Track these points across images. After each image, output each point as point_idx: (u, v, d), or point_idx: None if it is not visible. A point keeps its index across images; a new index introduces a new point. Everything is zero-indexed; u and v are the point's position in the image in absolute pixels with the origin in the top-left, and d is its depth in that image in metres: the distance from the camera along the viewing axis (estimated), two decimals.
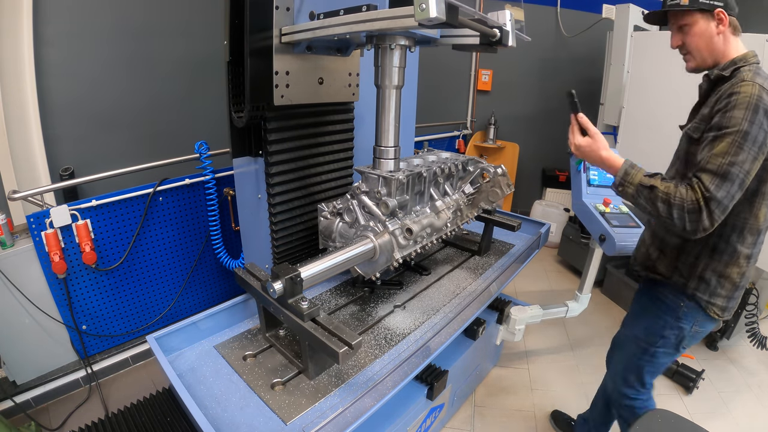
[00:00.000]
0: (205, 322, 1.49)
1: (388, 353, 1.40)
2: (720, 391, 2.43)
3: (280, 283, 1.20)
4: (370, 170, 1.54)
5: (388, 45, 1.36)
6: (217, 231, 2.57)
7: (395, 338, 1.48)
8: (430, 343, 1.45)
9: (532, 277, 3.74)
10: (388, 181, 1.48)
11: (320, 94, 1.64)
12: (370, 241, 1.47)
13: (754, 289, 2.51)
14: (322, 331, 1.20)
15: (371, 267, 1.53)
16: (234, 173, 1.81)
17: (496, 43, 1.25)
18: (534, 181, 4.80)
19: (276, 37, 1.41)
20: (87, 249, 2.15)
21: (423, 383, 1.78)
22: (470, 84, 4.62)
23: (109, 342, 2.46)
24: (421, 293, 1.76)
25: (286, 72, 1.48)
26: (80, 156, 2.59)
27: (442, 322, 1.54)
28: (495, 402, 2.37)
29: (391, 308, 1.65)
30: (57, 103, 2.46)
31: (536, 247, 2.26)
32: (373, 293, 1.75)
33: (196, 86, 2.94)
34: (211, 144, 2.46)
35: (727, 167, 1.13)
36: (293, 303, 1.22)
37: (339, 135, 1.84)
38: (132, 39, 2.65)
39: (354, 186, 1.57)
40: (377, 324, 1.56)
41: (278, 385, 1.27)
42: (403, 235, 1.47)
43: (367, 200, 1.53)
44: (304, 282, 1.25)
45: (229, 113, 1.60)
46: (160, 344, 1.35)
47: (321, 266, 1.32)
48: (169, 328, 1.40)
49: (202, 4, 2.81)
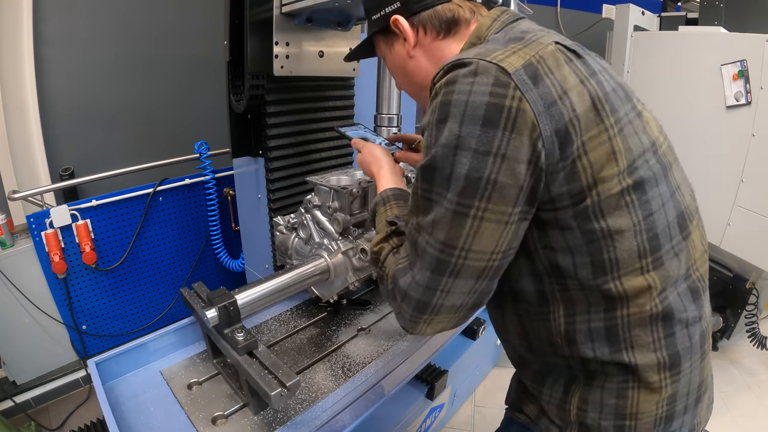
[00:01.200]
0: (155, 344, 1.38)
1: (343, 386, 1.28)
2: (720, 391, 2.43)
3: (213, 311, 1.09)
4: (320, 181, 1.41)
5: None
6: (217, 231, 2.57)
7: (354, 368, 1.35)
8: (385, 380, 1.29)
9: None
10: (340, 195, 1.35)
11: (321, 67, 1.63)
12: (324, 261, 1.34)
13: (754, 289, 2.50)
14: (257, 367, 1.08)
15: (328, 289, 1.42)
16: (234, 173, 1.81)
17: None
18: None
19: (276, 8, 1.41)
20: (87, 249, 2.15)
21: (423, 383, 1.77)
22: None
23: (109, 342, 2.46)
24: (391, 314, 1.63)
25: (286, 43, 1.47)
26: (80, 156, 2.58)
27: (408, 349, 1.40)
28: (495, 402, 2.36)
29: (355, 332, 1.53)
30: (57, 103, 2.45)
31: None
32: (337, 314, 1.62)
33: (196, 86, 2.93)
34: (211, 144, 2.45)
35: (415, 235, 0.69)
36: (229, 333, 1.12)
37: (339, 111, 1.82)
38: (132, 39, 2.65)
39: (306, 198, 1.46)
40: (336, 351, 1.43)
41: (221, 418, 1.16)
42: (357, 255, 1.33)
43: (320, 215, 1.40)
44: (243, 309, 1.15)
45: (229, 109, 1.61)
46: (102, 370, 1.25)
47: (261, 291, 1.21)
48: (114, 351, 1.29)
49: (201, 4, 2.81)
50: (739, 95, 2.24)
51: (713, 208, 2.37)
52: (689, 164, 2.76)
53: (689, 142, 2.52)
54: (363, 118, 1.91)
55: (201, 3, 2.82)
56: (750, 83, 2.20)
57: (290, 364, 1.35)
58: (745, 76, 2.20)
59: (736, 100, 2.25)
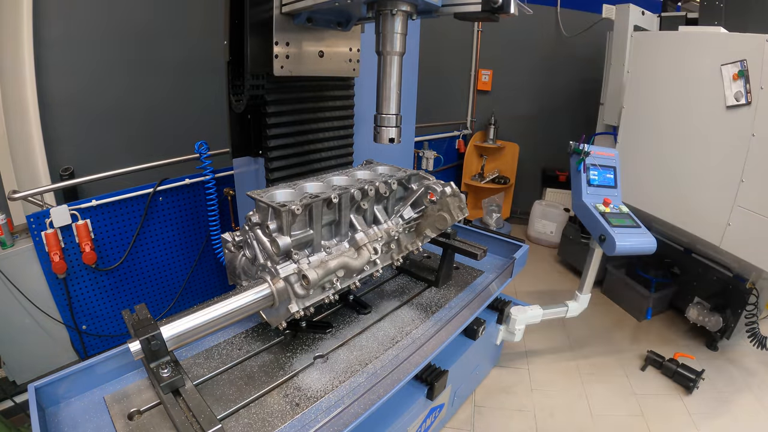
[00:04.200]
0: (102, 366, 1.30)
1: (290, 422, 1.18)
2: (720, 391, 2.43)
3: (136, 344, 1.00)
4: (260, 197, 1.27)
5: (389, 10, 1.32)
6: (217, 231, 2.57)
7: (305, 402, 1.24)
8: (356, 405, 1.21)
9: (532, 277, 3.74)
10: (278, 213, 1.22)
11: (320, 67, 1.62)
12: (267, 286, 1.21)
13: (754, 289, 2.50)
14: (179, 409, 1.00)
15: (275, 316, 1.29)
16: (234, 173, 1.81)
17: (498, 9, 1.23)
18: (534, 181, 4.79)
19: (276, 8, 1.41)
20: (87, 249, 2.15)
21: (423, 383, 1.77)
22: (470, 84, 4.62)
23: (109, 342, 2.46)
24: (353, 339, 1.52)
25: (286, 43, 1.47)
26: (80, 156, 2.58)
27: (366, 383, 1.28)
28: (495, 402, 2.36)
29: (311, 359, 1.41)
30: (57, 104, 2.45)
31: (508, 276, 2.07)
32: (295, 337, 1.50)
33: (195, 86, 2.93)
34: (211, 144, 2.45)
35: None
36: (154, 368, 1.04)
37: (339, 111, 1.81)
38: (132, 39, 2.65)
39: (247, 215, 1.32)
40: (288, 381, 1.33)
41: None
42: (300, 282, 1.22)
43: (261, 235, 1.26)
44: (170, 342, 1.04)
45: (229, 112, 1.61)
46: (42, 395, 1.17)
47: (192, 323, 1.10)
48: (58, 374, 1.21)
49: (202, 4, 2.81)
50: (739, 95, 2.24)
51: (713, 208, 2.37)
52: (689, 164, 2.77)
53: (689, 142, 2.52)
54: (363, 118, 1.91)
55: (201, 3, 2.82)
56: (750, 83, 2.20)
57: (235, 395, 1.26)
58: (745, 76, 2.20)
59: (736, 100, 2.25)
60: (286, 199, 1.29)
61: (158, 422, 1.19)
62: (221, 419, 1.19)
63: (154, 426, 1.17)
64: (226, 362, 1.42)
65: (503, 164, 4.72)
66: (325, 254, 1.32)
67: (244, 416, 1.22)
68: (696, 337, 2.89)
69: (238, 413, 1.23)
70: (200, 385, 1.32)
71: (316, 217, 1.30)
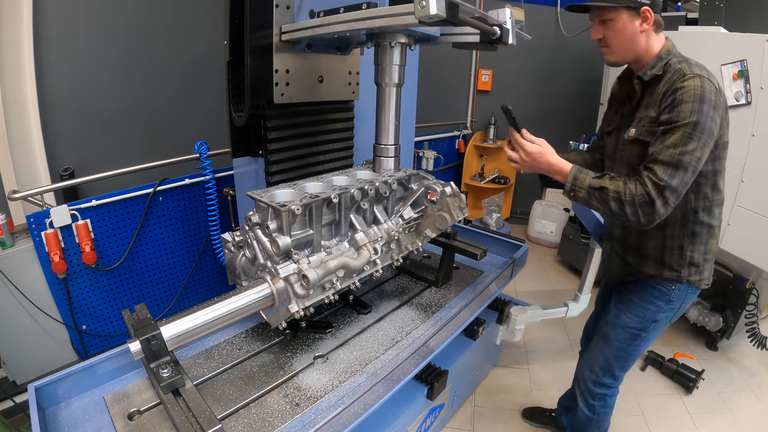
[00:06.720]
0: (102, 366, 1.31)
1: (290, 422, 1.18)
2: (720, 391, 2.43)
3: (136, 344, 1.00)
4: (260, 197, 1.27)
5: (388, 43, 1.35)
6: (217, 231, 2.57)
7: (305, 402, 1.25)
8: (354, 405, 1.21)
9: (532, 277, 3.74)
10: (278, 213, 1.22)
11: (320, 92, 1.65)
12: (267, 286, 1.22)
13: (754, 289, 2.50)
14: (179, 409, 1.01)
15: (275, 316, 1.30)
16: (234, 173, 1.81)
17: (497, 41, 1.25)
18: (534, 181, 4.76)
19: (276, 35, 1.42)
20: (87, 249, 2.15)
21: (423, 383, 1.77)
22: (470, 84, 4.62)
23: (109, 342, 2.46)
24: (353, 339, 1.53)
25: (286, 70, 1.48)
26: (80, 156, 2.59)
27: (366, 383, 1.28)
28: (495, 402, 2.36)
29: (311, 359, 1.42)
30: (57, 103, 2.45)
31: (508, 276, 2.08)
32: (296, 337, 1.52)
33: (195, 86, 2.93)
34: (211, 144, 2.45)
35: (679, 157, 1.19)
36: (154, 368, 1.05)
37: (339, 134, 1.83)
38: (132, 39, 2.65)
39: (247, 215, 1.33)
40: (288, 381, 1.34)
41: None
42: (299, 282, 1.22)
43: (261, 235, 1.26)
44: (170, 342, 1.05)
45: (229, 113, 1.61)
46: (42, 395, 1.17)
47: (192, 323, 1.10)
48: (58, 374, 1.22)
49: (202, 4, 2.81)
50: (739, 95, 2.25)
51: None
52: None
53: None
54: (363, 117, 1.91)
55: (201, 3, 2.82)
56: (750, 83, 2.20)
57: (235, 395, 1.27)
58: (745, 76, 2.20)
59: (736, 100, 2.25)
60: (286, 199, 1.29)
61: (158, 422, 1.19)
62: (221, 419, 1.19)
63: (154, 426, 1.18)
64: (226, 362, 1.42)
65: (503, 164, 4.72)
66: (325, 254, 1.32)
67: (244, 416, 1.22)
68: (696, 337, 2.89)
69: (238, 413, 1.23)
70: (200, 385, 1.32)
71: (316, 217, 1.30)
